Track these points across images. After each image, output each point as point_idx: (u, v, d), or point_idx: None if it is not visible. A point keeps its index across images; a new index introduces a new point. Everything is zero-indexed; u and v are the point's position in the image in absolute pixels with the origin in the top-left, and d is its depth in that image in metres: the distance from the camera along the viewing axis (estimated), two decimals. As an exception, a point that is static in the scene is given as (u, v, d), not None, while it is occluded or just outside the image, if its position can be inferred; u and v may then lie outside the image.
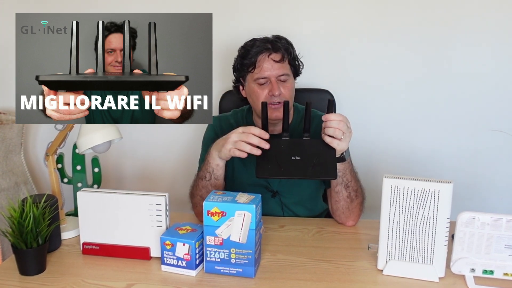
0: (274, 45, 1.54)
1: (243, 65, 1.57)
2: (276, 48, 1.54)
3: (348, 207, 1.47)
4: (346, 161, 1.41)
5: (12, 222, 1.20)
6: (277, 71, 1.52)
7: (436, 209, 1.14)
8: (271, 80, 1.52)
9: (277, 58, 1.53)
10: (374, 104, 2.04)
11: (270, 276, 1.21)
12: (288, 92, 1.53)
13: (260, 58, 1.53)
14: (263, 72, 1.53)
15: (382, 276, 1.21)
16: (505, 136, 1.97)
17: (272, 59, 1.53)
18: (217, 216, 1.18)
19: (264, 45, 1.54)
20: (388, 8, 1.93)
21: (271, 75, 1.52)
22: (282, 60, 1.54)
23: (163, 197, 1.26)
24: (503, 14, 1.90)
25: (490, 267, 1.17)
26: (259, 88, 1.54)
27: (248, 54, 1.55)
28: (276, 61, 1.53)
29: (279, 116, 1.51)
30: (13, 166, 2.08)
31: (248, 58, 1.55)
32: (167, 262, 1.23)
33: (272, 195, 1.61)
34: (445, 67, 1.97)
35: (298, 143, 1.36)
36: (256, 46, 1.54)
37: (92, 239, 1.32)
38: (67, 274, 1.23)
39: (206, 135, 1.68)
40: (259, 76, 1.53)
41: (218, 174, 1.46)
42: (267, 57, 1.53)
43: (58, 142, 1.47)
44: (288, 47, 1.57)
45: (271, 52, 1.53)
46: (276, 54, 1.54)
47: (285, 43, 1.57)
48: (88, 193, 1.31)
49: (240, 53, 1.60)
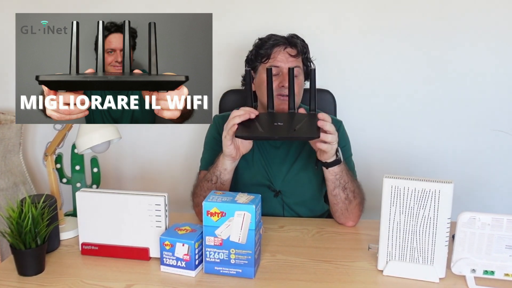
0: (291, 40, 1.59)
1: (258, 55, 1.60)
2: (293, 44, 1.58)
3: (347, 208, 1.47)
4: (342, 163, 1.41)
5: (11, 222, 1.19)
6: (290, 63, 1.55)
7: (436, 210, 1.14)
8: (282, 72, 1.55)
9: (293, 52, 1.57)
10: (375, 104, 2.04)
11: (270, 276, 1.21)
12: (297, 88, 1.53)
13: (275, 50, 1.57)
14: (276, 62, 1.56)
15: (382, 276, 1.21)
16: (506, 136, 1.97)
17: (287, 52, 1.57)
18: (216, 216, 1.17)
19: (281, 39, 1.59)
20: (388, 8, 1.93)
21: (284, 66, 1.55)
22: (297, 55, 1.58)
23: (163, 197, 1.26)
24: (504, 14, 1.90)
25: (491, 268, 1.16)
26: None
27: (265, 45, 1.59)
28: (291, 55, 1.56)
29: (285, 108, 1.51)
30: (11, 166, 2.07)
31: (264, 49, 1.58)
32: (166, 262, 1.22)
33: (274, 195, 1.60)
34: (446, 67, 1.97)
35: (284, 114, 1.38)
36: (273, 39, 1.59)
37: (91, 240, 1.31)
38: (66, 275, 1.23)
39: (209, 134, 1.68)
40: (272, 65, 1.56)
41: (224, 178, 1.46)
42: (282, 50, 1.57)
43: (57, 142, 1.46)
44: (305, 46, 1.62)
45: (287, 46, 1.58)
46: (292, 49, 1.58)
47: (302, 42, 1.62)
48: (87, 193, 1.30)
49: (256, 44, 1.64)
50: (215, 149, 1.62)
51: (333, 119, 1.66)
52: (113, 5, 2.03)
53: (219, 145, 1.61)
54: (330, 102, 1.89)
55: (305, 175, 1.60)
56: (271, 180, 1.61)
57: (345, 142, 1.64)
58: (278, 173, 1.61)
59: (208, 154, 1.63)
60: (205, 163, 1.63)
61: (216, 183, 1.46)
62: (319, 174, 1.59)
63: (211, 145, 1.65)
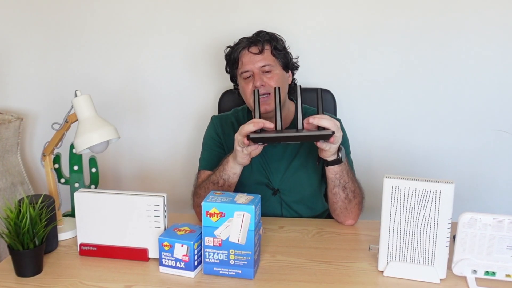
0: (253, 39, 1.58)
1: (230, 65, 1.63)
2: (255, 42, 1.57)
3: (346, 207, 1.47)
4: (343, 163, 1.41)
5: (9, 223, 1.19)
6: (258, 63, 1.55)
7: (437, 210, 1.13)
8: (254, 72, 1.55)
9: (255, 50, 1.56)
10: (375, 104, 2.03)
11: (270, 277, 1.20)
12: (273, 83, 1.54)
13: (241, 54, 1.58)
14: (245, 66, 1.56)
15: (383, 277, 1.20)
16: (507, 136, 1.96)
17: (251, 52, 1.56)
18: (216, 216, 1.17)
19: (245, 41, 1.59)
20: (388, 6, 1.93)
21: (253, 67, 1.55)
22: (261, 52, 1.56)
23: (161, 197, 1.26)
24: (506, 14, 1.89)
25: (492, 269, 1.16)
26: (245, 83, 1.57)
27: (232, 53, 1.60)
28: (255, 53, 1.56)
29: (267, 108, 1.52)
30: (9, 166, 2.06)
31: (232, 56, 1.60)
32: (165, 263, 1.22)
33: (273, 193, 1.60)
34: (447, 66, 1.97)
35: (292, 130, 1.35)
36: (238, 44, 1.60)
37: (90, 240, 1.31)
38: (64, 276, 1.22)
39: (207, 134, 1.68)
40: (242, 70, 1.57)
41: (233, 181, 1.48)
42: (247, 51, 1.57)
43: (55, 142, 1.45)
44: (269, 39, 1.59)
45: (250, 46, 1.57)
46: (255, 47, 1.57)
47: (265, 35, 1.60)
48: (85, 194, 1.30)
49: (226, 54, 1.65)
50: (213, 149, 1.63)
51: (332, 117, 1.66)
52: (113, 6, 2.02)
53: (217, 145, 1.62)
54: (330, 101, 1.89)
55: (304, 173, 1.60)
56: (269, 178, 1.60)
57: (344, 140, 1.64)
58: (276, 171, 1.60)
59: (208, 154, 1.64)
60: (205, 162, 1.63)
61: (223, 186, 1.47)
62: (318, 172, 1.59)
63: (209, 145, 1.65)
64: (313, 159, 1.57)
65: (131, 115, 2.14)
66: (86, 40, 2.07)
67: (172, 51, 2.06)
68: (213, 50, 2.02)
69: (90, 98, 1.39)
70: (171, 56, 2.06)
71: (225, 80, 2.01)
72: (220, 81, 2.03)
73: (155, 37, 2.05)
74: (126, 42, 2.06)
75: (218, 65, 2.02)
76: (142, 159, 2.21)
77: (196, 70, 2.07)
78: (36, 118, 2.19)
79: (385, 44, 1.96)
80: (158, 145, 2.18)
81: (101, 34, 2.06)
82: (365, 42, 1.97)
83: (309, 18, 1.96)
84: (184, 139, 2.16)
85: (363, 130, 2.00)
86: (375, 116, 2.04)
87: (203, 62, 2.05)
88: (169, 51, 2.06)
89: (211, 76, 2.06)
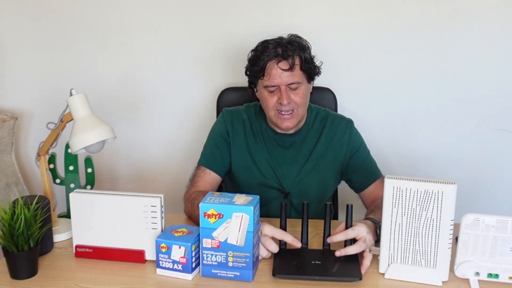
0: (284, 51, 1.48)
1: (253, 72, 1.54)
2: (286, 56, 1.48)
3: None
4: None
5: (3, 224, 1.18)
6: (286, 79, 1.48)
7: (439, 211, 1.13)
8: (280, 88, 1.49)
9: (286, 66, 1.48)
10: (376, 103, 2.03)
11: (269, 280, 1.19)
12: (299, 100, 1.50)
13: (269, 66, 1.49)
14: (272, 80, 1.49)
15: (384, 279, 1.20)
16: (510, 136, 1.96)
17: (280, 67, 1.48)
18: (214, 218, 1.16)
19: (274, 51, 1.49)
20: (391, 5, 1.92)
21: (280, 82, 1.49)
22: (291, 68, 1.48)
23: (158, 198, 1.24)
24: (508, 13, 1.88)
25: (495, 271, 1.15)
26: (269, 95, 1.51)
27: (258, 61, 1.51)
28: (284, 70, 1.48)
29: (289, 126, 1.51)
30: (3, 167, 2.05)
31: (257, 65, 1.51)
32: (162, 265, 1.21)
33: (284, 197, 1.58)
34: (449, 66, 1.96)
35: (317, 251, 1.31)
36: (266, 53, 1.49)
37: (85, 242, 1.30)
38: (60, 278, 1.21)
39: (215, 127, 1.65)
40: (268, 84, 1.50)
41: None
42: (276, 65, 1.48)
43: (50, 142, 1.44)
44: (299, 50, 1.51)
45: (280, 60, 1.48)
46: (285, 62, 1.48)
47: (297, 48, 1.50)
48: (81, 194, 1.29)
49: (250, 59, 1.56)
50: (218, 147, 1.60)
51: (343, 118, 1.65)
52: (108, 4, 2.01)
53: (222, 143, 1.59)
54: (331, 100, 1.88)
55: (315, 176, 1.58)
56: (280, 182, 1.58)
57: (360, 141, 1.63)
58: (288, 174, 1.58)
59: (210, 150, 1.60)
60: (206, 158, 1.60)
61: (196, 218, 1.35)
62: (330, 175, 1.58)
63: (215, 141, 1.61)
64: (324, 163, 1.56)
65: (127, 114, 2.12)
66: (82, 38, 2.05)
67: (168, 50, 2.04)
68: (211, 49, 2.01)
69: (85, 97, 1.37)
70: (168, 55, 2.05)
71: (223, 80, 2.00)
72: (218, 80, 2.02)
73: (151, 35, 2.03)
74: (122, 40, 2.04)
75: (216, 64, 2.01)
76: (138, 159, 2.19)
77: (194, 69, 2.05)
78: (31, 118, 2.17)
79: (387, 43, 1.96)
80: (155, 145, 2.17)
81: (96, 32, 2.04)
82: (367, 41, 1.96)
83: (310, 15, 1.95)
84: (181, 139, 2.14)
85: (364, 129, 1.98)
86: (376, 116, 2.04)
87: (200, 62, 2.04)
88: (165, 50, 2.04)
89: (209, 75, 2.05)
